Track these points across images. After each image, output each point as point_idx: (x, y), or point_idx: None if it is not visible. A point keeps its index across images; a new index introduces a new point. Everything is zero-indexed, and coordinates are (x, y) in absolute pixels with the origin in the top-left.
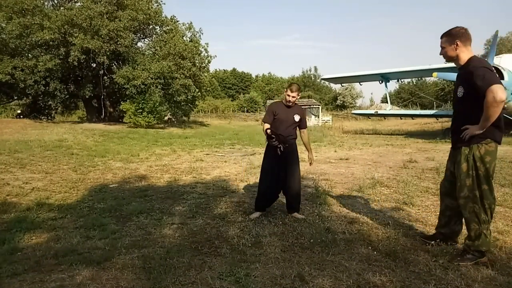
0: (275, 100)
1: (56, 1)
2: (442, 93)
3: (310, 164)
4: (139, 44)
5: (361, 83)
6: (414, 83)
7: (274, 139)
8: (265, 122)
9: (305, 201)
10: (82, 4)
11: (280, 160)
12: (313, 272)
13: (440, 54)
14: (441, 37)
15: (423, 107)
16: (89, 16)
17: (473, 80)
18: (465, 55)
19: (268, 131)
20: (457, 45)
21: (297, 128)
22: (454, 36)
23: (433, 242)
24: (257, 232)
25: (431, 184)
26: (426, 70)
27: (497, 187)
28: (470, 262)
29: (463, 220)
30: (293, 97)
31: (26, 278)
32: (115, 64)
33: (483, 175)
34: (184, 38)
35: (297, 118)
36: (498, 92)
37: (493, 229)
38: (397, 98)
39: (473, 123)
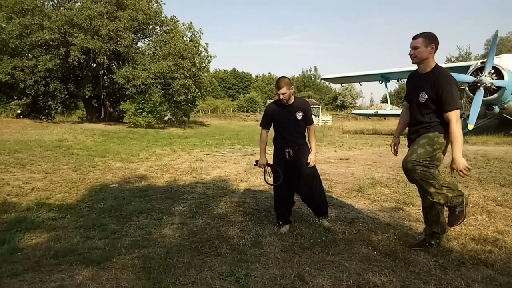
0: (272, 100)
1: (56, 1)
2: None
3: (308, 165)
4: (139, 44)
5: (361, 83)
6: None
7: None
8: (262, 128)
9: None
10: (82, 4)
11: (288, 164)
12: (313, 272)
13: (411, 53)
14: (416, 37)
15: None
16: (89, 16)
17: (440, 91)
18: (432, 61)
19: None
20: (432, 48)
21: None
22: (432, 39)
23: (424, 248)
24: (257, 232)
25: None
26: None
27: (497, 187)
28: (462, 217)
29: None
30: (283, 93)
31: (26, 278)
32: (115, 64)
33: (436, 156)
34: (184, 38)
35: (299, 115)
36: (458, 116)
37: (493, 229)
38: (397, 98)
39: (426, 127)
